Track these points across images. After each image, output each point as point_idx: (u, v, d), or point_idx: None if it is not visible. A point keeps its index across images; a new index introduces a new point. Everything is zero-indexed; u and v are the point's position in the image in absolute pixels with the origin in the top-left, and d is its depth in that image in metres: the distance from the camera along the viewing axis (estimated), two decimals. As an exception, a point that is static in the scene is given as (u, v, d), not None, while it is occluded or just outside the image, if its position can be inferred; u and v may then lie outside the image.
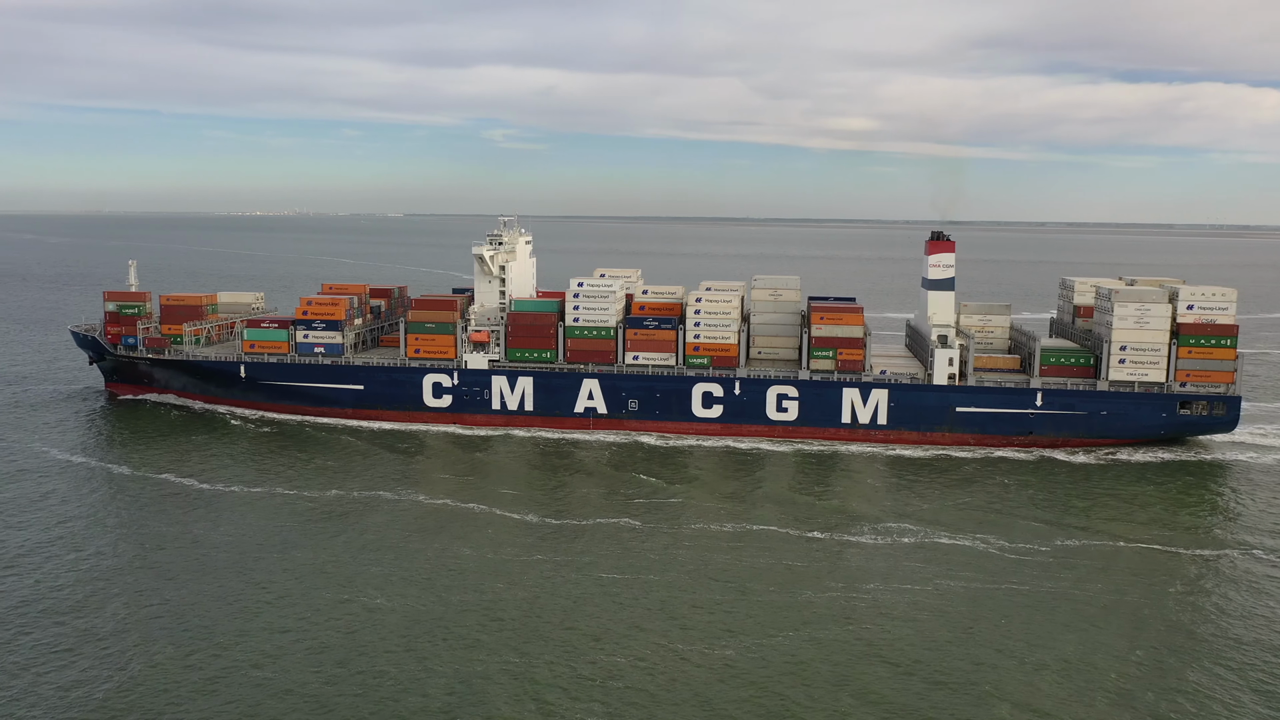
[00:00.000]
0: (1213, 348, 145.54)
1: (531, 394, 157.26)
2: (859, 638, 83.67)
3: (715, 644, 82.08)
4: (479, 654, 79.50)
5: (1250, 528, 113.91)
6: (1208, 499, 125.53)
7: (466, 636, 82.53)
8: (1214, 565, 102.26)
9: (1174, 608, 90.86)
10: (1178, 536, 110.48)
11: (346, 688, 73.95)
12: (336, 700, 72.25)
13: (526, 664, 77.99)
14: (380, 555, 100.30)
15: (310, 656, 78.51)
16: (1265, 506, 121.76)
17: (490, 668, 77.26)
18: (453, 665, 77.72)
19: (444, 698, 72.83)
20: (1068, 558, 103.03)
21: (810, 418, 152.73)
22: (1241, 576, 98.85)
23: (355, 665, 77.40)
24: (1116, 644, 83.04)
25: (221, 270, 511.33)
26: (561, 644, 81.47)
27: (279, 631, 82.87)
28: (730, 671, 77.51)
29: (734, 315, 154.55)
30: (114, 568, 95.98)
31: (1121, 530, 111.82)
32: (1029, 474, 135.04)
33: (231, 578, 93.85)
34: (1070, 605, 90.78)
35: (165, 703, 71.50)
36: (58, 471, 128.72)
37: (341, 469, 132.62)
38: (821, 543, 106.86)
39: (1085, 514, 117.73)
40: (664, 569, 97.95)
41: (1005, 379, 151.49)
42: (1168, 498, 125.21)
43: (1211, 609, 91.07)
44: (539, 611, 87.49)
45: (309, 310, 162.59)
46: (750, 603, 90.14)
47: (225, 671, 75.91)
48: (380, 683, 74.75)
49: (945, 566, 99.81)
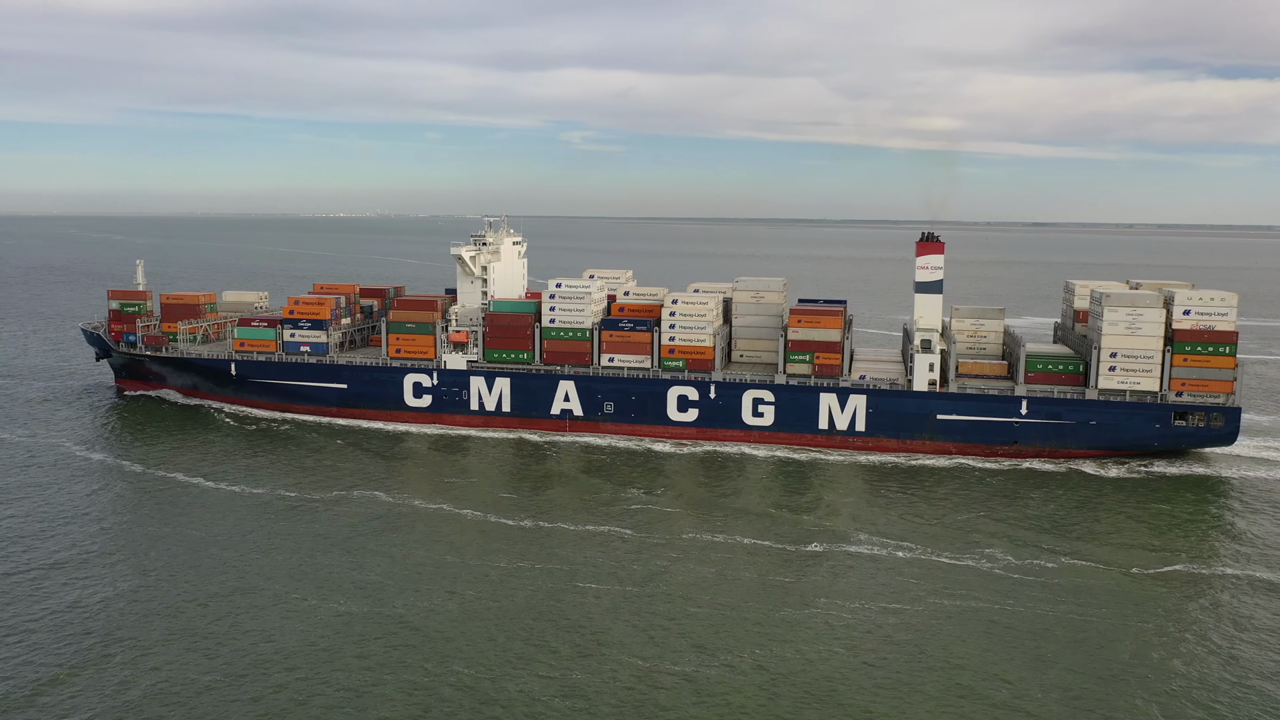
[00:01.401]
0: (1210, 356, 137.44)
1: (509, 395, 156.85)
2: (827, 657, 79.83)
3: (680, 660, 78.89)
4: (429, 662, 77.65)
5: (1238, 554, 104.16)
6: (1200, 519, 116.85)
7: (423, 644, 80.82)
8: (1203, 592, 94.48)
9: (1155, 642, 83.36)
10: (1160, 559, 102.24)
11: (285, 696, 72.70)
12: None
13: (480, 677, 75.69)
14: (332, 558, 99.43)
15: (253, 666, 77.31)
16: (1259, 529, 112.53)
17: (442, 679, 75.17)
18: (405, 675, 75.71)
19: (392, 710, 71.23)
20: (1040, 579, 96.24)
21: (787, 423, 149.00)
22: (1224, 606, 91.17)
23: (300, 672, 76.00)
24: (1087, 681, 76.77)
25: (275, 270, 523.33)
26: (521, 657, 79.25)
27: (204, 638, 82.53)
28: (693, 690, 74.34)
29: (709, 318, 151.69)
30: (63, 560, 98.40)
31: (1100, 552, 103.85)
32: (1010, 486, 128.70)
33: (183, 574, 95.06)
34: (1034, 630, 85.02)
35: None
36: (41, 459, 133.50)
37: (308, 468, 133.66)
38: (786, 556, 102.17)
39: (1064, 532, 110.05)
40: (623, 580, 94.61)
41: (990, 386, 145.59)
42: (1157, 516, 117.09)
43: (1197, 641, 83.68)
44: (499, 619, 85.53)
45: (295, 310, 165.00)
46: (720, 618, 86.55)
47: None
48: (322, 690, 73.40)
49: (913, 581, 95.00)
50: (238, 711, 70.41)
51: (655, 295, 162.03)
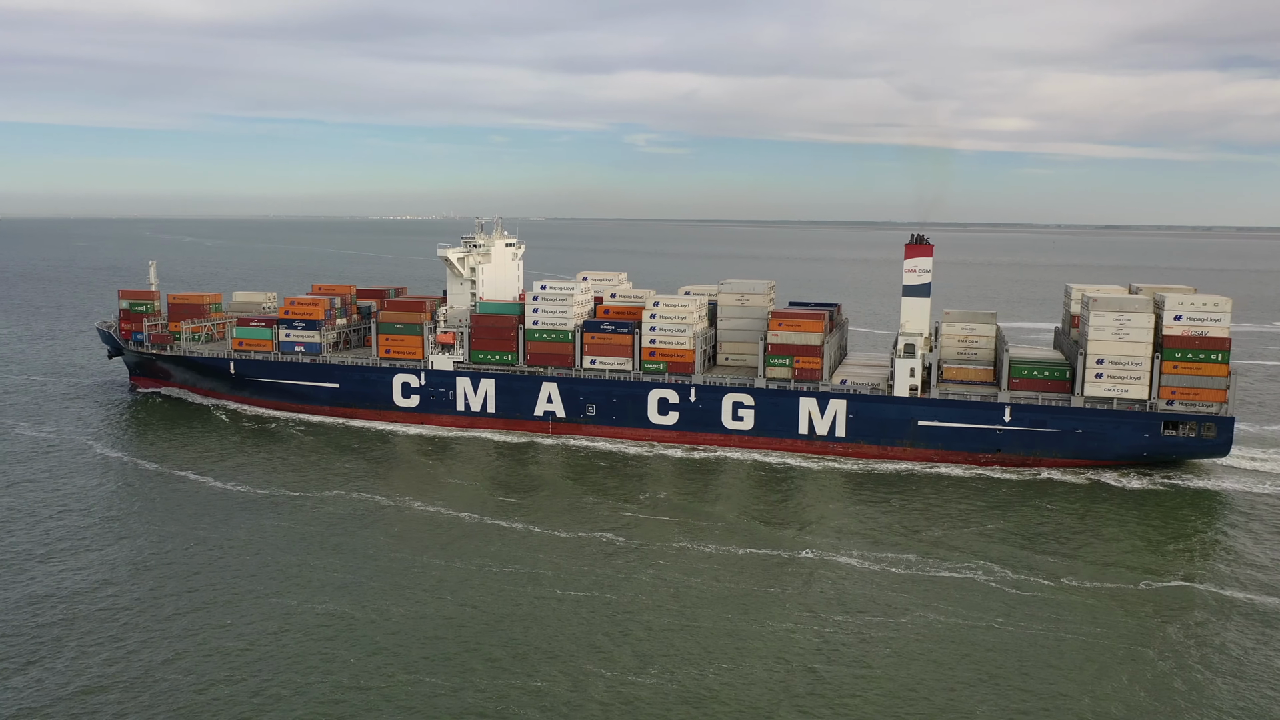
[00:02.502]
0: (1201, 363, 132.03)
1: (493, 396, 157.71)
2: (797, 669, 78.12)
3: (645, 671, 77.55)
4: (397, 668, 77.58)
5: (1224, 574, 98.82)
6: (1187, 533, 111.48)
7: (389, 647, 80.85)
8: (1184, 614, 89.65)
9: (1119, 667, 79.32)
10: (1137, 576, 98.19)
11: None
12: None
13: (437, 683, 75.27)
14: (297, 557, 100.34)
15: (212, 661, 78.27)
16: (1245, 545, 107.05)
17: (420, 686, 74.75)
18: (372, 681, 75.68)
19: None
20: (1014, 596, 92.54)
21: (767, 427, 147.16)
22: (1206, 629, 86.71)
23: (262, 677, 76.05)
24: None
25: (320, 270, 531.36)
26: (488, 660, 78.95)
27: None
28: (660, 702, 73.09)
29: (689, 321, 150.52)
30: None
31: (1083, 568, 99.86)
32: (990, 496, 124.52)
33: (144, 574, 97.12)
34: (996, 650, 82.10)
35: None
36: (40, 452, 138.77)
37: (293, 466, 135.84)
38: (743, 564, 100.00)
39: (1043, 546, 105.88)
40: (593, 587, 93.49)
41: (974, 392, 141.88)
42: (1141, 530, 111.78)
43: (1164, 667, 79.75)
44: (462, 624, 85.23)
45: (290, 310, 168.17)
46: (674, 627, 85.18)
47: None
48: (280, 694, 73.47)
49: (883, 594, 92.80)
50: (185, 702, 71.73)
51: (641, 298, 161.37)
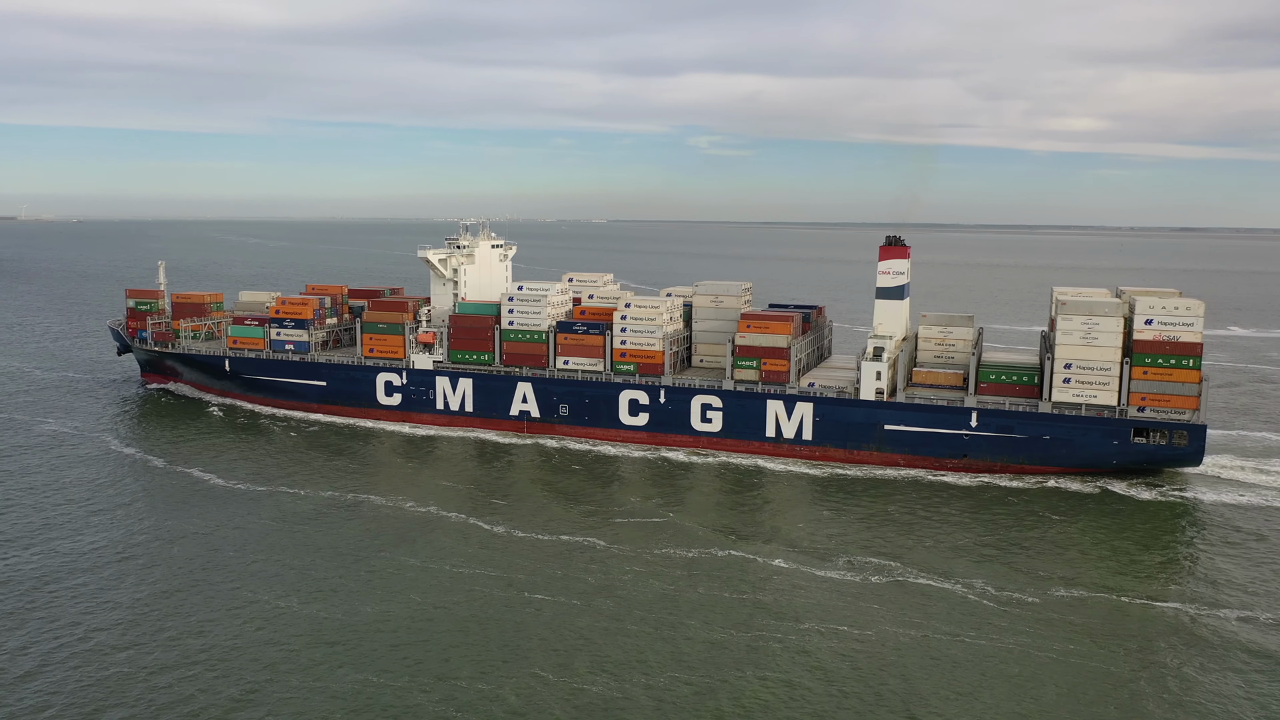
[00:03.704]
0: (1172, 369, 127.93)
1: (471, 395, 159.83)
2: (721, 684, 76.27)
3: (596, 679, 76.76)
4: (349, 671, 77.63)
5: (1198, 592, 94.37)
6: (1157, 547, 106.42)
7: (352, 647, 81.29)
8: (1151, 629, 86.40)
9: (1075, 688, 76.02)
10: (1110, 591, 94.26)
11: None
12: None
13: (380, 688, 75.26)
14: (260, 553, 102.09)
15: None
16: (1220, 561, 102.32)
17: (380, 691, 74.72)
18: (292, 679, 76.06)
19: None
20: (973, 608, 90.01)
21: (734, 429, 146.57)
22: (1184, 651, 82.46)
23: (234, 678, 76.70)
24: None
25: (367, 271, 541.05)
26: (443, 661, 79.06)
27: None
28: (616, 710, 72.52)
29: (659, 322, 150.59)
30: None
31: (1044, 581, 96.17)
32: (955, 504, 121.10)
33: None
34: (962, 664, 79.89)
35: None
36: (44, 444, 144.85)
37: (270, 460, 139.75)
38: (695, 567, 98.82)
39: (1007, 558, 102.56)
40: (561, 591, 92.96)
41: (942, 396, 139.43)
42: (1109, 544, 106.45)
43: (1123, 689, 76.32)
44: (425, 624, 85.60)
45: (281, 309, 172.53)
46: (651, 635, 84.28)
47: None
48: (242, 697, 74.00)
49: (846, 603, 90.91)
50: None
51: (617, 299, 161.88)
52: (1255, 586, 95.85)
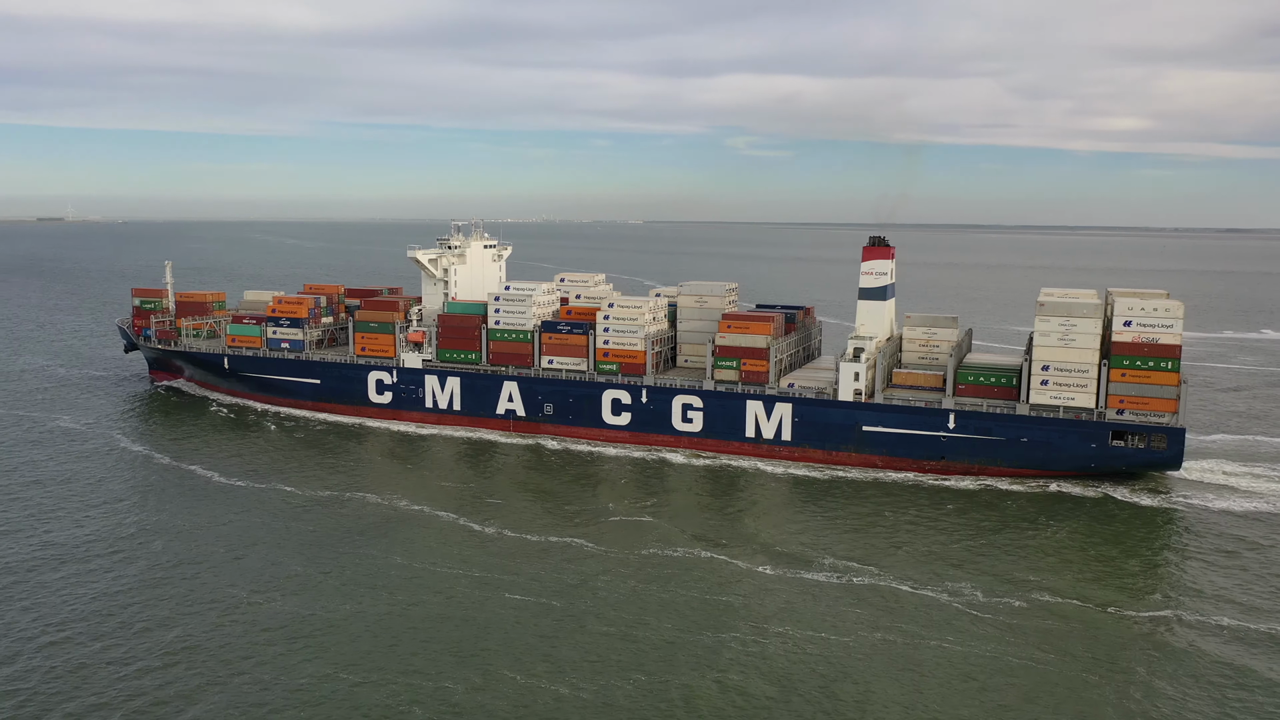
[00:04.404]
0: (1151, 371, 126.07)
1: (459, 394, 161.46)
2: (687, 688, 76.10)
3: (559, 679, 76.88)
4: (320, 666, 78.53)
5: (1178, 599, 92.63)
6: (1137, 554, 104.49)
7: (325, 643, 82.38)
8: (1129, 636, 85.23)
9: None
10: (1086, 597, 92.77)
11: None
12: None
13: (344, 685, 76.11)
14: (245, 549, 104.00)
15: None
16: (1200, 568, 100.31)
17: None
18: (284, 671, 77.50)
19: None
20: (948, 614, 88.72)
21: (715, 430, 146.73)
22: (1162, 658, 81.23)
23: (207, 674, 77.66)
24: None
25: (392, 271, 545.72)
26: (406, 656, 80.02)
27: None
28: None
29: (641, 322, 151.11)
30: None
31: (1021, 587, 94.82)
32: (933, 507, 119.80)
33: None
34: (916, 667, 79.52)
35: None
36: (50, 439, 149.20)
37: (258, 456, 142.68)
38: (678, 571, 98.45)
39: (983, 563, 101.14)
40: (540, 592, 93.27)
41: (920, 397, 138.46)
42: (1086, 549, 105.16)
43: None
44: (395, 621, 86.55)
45: (277, 309, 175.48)
46: (613, 636, 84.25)
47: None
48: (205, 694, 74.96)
49: (821, 608, 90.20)
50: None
51: (601, 299, 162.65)
52: (1225, 594, 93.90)
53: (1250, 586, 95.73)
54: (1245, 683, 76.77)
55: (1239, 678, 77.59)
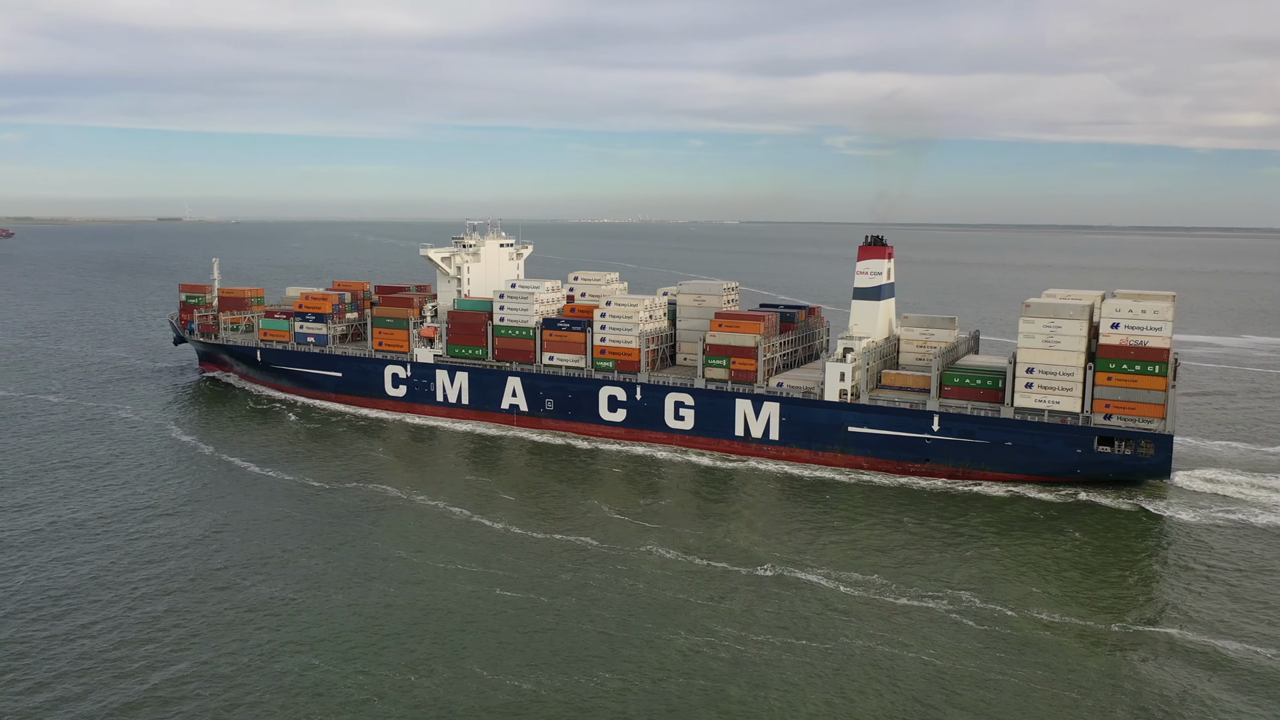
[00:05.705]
0: (1138, 374, 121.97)
1: (467, 388, 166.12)
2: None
3: (528, 675, 77.25)
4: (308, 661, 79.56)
5: (1166, 614, 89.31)
6: (1122, 564, 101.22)
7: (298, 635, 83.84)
8: (1111, 650, 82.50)
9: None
10: (1070, 610, 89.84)
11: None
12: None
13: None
14: (256, 540, 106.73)
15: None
16: (1187, 581, 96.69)
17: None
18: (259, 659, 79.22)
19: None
20: (932, 624, 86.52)
21: (705, 427, 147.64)
22: (1145, 673, 78.82)
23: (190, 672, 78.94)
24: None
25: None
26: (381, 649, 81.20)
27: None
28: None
29: (636, 320, 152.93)
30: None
31: (1005, 598, 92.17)
32: (915, 512, 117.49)
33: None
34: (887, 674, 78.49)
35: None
36: (97, 423, 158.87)
37: (277, 446, 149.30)
38: (664, 573, 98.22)
39: (946, 570, 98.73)
40: (518, 584, 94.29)
41: (907, 399, 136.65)
42: (1068, 558, 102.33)
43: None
44: (384, 612, 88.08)
45: (304, 304, 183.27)
46: (594, 635, 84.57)
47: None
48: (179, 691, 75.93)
49: (803, 613, 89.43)
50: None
51: (602, 298, 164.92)
52: (1211, 612, 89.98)
53: (1235, 603, 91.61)
54: (1226, 704, 73.80)
55: (1220, 694, 74.98)
